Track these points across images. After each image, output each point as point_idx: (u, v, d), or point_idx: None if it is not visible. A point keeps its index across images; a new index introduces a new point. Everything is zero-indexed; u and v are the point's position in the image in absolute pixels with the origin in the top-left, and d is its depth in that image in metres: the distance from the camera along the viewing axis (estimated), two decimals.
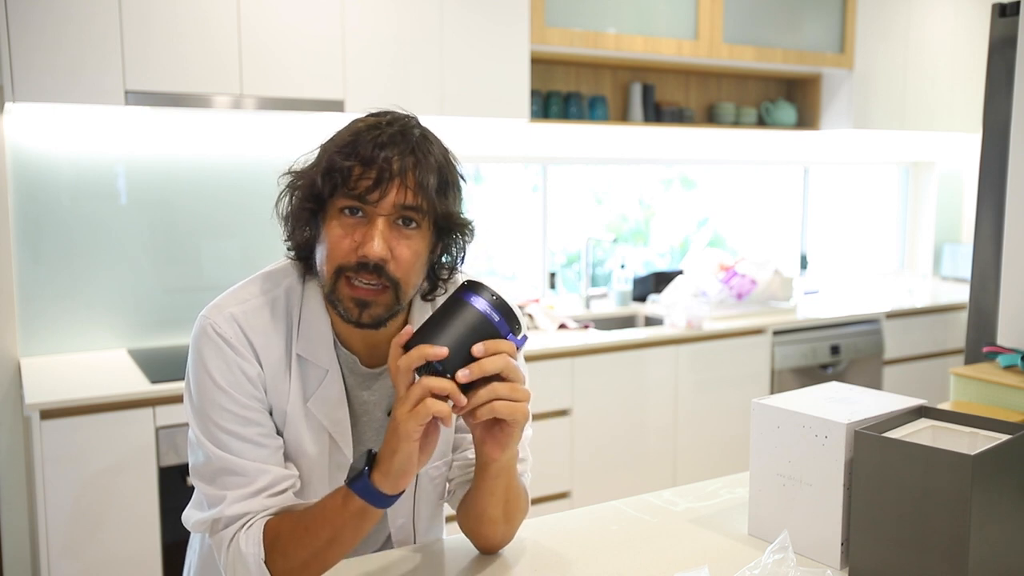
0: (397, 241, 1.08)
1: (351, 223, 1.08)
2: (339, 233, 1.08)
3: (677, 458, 3.30)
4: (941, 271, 4.77)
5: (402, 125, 1.11)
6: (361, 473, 1.04)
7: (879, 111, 3.98)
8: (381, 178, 1.06)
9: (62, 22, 2.32)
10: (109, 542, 2.30)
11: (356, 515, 1.06)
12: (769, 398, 1.27)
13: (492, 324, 1.03)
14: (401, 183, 1.07)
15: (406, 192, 1.07)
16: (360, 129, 1.10)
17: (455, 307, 1.04)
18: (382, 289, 1.08)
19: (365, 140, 1.07)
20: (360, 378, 1.22)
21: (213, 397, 1.12)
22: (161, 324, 2.86)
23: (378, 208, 1.07)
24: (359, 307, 1.09)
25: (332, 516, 1.06)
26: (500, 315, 1.04)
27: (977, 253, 2.01)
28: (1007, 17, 1.93)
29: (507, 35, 3.00)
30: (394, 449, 1.02)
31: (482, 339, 1.02)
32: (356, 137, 1.08)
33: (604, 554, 1.24)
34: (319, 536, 1.07)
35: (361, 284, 1.08)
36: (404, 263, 1.09)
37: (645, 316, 3.63)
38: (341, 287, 1.09)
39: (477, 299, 1.04)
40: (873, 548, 1.11)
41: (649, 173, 4.08)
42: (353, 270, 1.08)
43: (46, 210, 2.67)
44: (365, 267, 1.07)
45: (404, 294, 1.11)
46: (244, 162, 2.94)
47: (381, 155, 1.06)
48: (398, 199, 1.07)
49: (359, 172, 1.06)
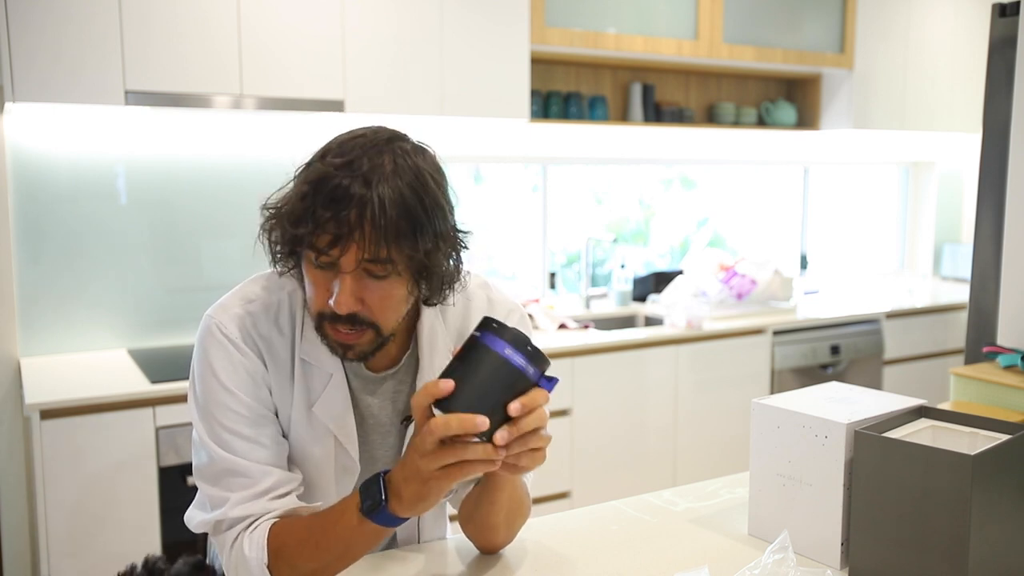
0: (367, 290, 1.06)
1: (322, 273, 1.06)
2: (313, 282, 1.08)
3: (677, 458, 3.30)
4: (941, 271, 4.77)
5: (371, 159, 1.03)
6: (381, 504, 1.01)
7: (879, 111, 3.98)
8: (339, 235, 1.01)
9: (62, 22, 2.32)
10: (109, 542, 2.30)
11: (372, 535, 1.05)
12: (769, 398, 1.27)
13: (527, 377, 0.96)
14: (360, 237, 1.01)
15: (367, 247, 1.01)
16: (319, 179, 1.03)
17: (486, 359, 0.95)
18: (361, 332, 1.08)
19: (323, 191, 1.02)
20: (364, 382, 1.22)
21: (218, 397, 1.12)
22: (161, 324, 2.86)
23: (340, 266, 1.04)
24: (343, 348, 1.10)
25: (345, 534, 1.05)
26: (533, 365, 0.97)
27: (977, 253, 2.01)
28: (1007, 17, 1.93)
29: (507, 35, 3.00)
30: (422, 496, 0.98)
31: (517, 393, 0.95)
32: (315, 188, 1.03)
33: (604, 554, 1.24)
34: (330, 551, 1.06)
35: (341, 330, 1.08)
36: (377, 308, 1.07)
37: (645, 316, 3.63)
38: (325, 328, 1.09)
39: (511, 351, 0.96)
40: (873, 548, 1.11)
41: (649, 173, 4.08)
42: (330, 319, 1.07)
43: (46, 210, 2.67)
44: (339, 318, 1.06)
45: (386, 330, 1.10)
46: (244, 162, 2.94)
47: (334, 214, 1.01)
48: (359, 255, 1.02)
49: (317, 231, 1.02)
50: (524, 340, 0.97)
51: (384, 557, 1.25)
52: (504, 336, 0.96)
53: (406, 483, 0.99)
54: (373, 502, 1.02)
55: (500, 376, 0.95)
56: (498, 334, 0.96)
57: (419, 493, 0.98)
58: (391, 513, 1.01)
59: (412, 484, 0.98)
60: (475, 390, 0.94)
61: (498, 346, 0.96)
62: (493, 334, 0.97)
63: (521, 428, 0.95)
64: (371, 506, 1.02)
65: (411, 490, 0.99)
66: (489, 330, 0.97)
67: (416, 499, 0.99)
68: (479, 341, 0.97)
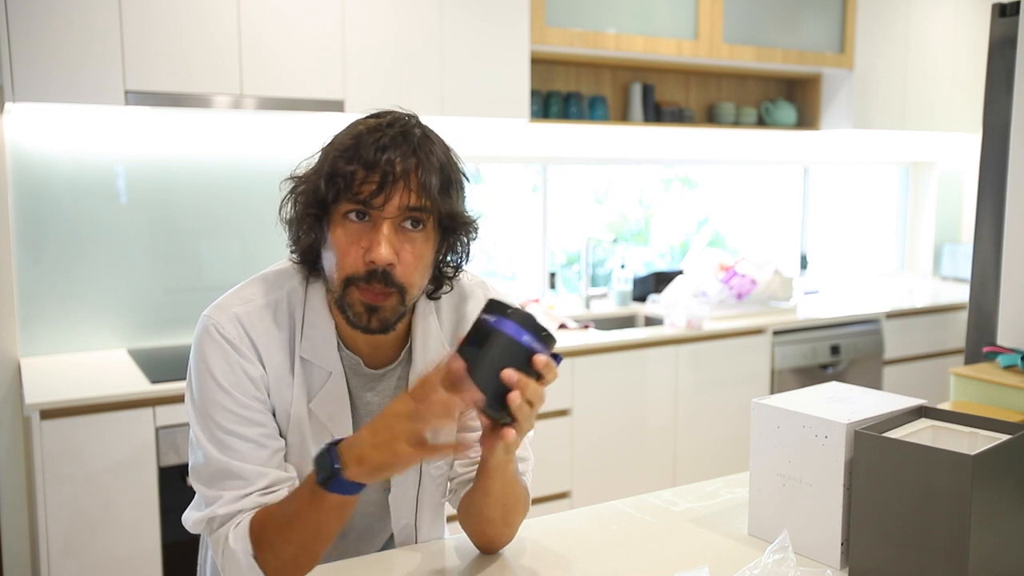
0: (402, 244, 1.08)
1: (356, 229, 1.08)
2: (345, 241, 1.08)
3: (677, 458, 3.30)
4: (941, 271, 4.77)
5: (403, 126, 1.10)
6: (334, 473, 1.01)
7: (879, 111, 3.98)
8: (385, 181, 1.05)
9: (62, 22, 2.32)
10: (109, 542, 2.30)
11: (337, 507, 1.05)
12: (769, 398, 1.27)
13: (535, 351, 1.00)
14: (405, 185, 1.06)
15: (410, 194, 1.07)
16: (361, 132, 1.09)
17: (498, 340, 0.98)
18: (389, 293, 1.09)
19: (367, 143, 1.06)
20: (364, 379, 1.22)
21: (215, 397, 1.12)
22: (161, 324, 2.86)
23: (383, 212, 1.07)
24: (368, 312, 1.09)
25: (311, 513, 1.05)
26: (542, 344, 1.00)
27: (977, 253, 2.01)
28: (1007, 17, 1.93)
29: (507, 35, 3.00)
30: (388, 466, 1.00)
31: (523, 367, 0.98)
32: (358, 140, 1.07)
33: (604, 554, 1.24)
34: (303, 531, 1.06)
35: (373, 289, 1.08)
36: (410, 266, 1.09)
37: (645, 316, 3.63)
38: (351, 293, 1.09)
39: (523, 333, 0.99)
40: (873, 548, 1.11)
41: (649, 173, 4.08)
42: (364, 280, 1.08)
43: (46, 210, 2.67)
44: (374, 275, 1.07)
45: (410, 297, 1.12)
46: (244, 162, 2.94)
47: (383, 158, 1.05)
48: (403, 201, 1.07)
49: (362, 176, 1.06)
50: (533, 321, 1.00)
51: (383, 557, 1.25)
52: (515, 318, 0.99)
53: (375, 450, 0.99)
54: (327, 473, 1.02)
55: (513, 357, 0.98)
56: (509, 316, 0.99)
57: (387, 462, 0.99)
58: (348, 480, 1.01)
59: (382, 452, 0.99)
60: (490, 371, 0.96)
61: (509, 328, 0.98)
62: (504, 316, 0.99)
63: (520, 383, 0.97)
64: (325, 477, 1.02)
65: (379, 458, 0.99)
66: (499, 312, 0.99)
67: (382, 467, 1.00)
68: (490, 324, 0.98)
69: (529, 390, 0.98)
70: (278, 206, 1.15)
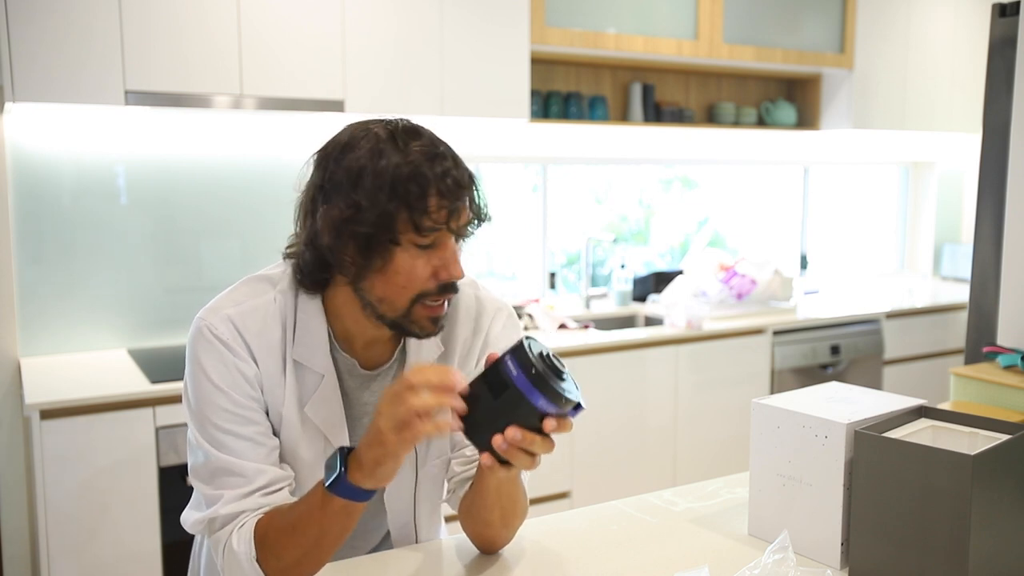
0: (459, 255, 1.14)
1: (423, 252, 1.10)
2: (413, 264, 1.09)
3: (677, 458, 3.30)
4: (941, 271, 4.77)
5: (431, 139, 1.12)
6: (339, 476, 1.03)
7: (879, 111, 3.98)
8: (455, 208, 1.09)
9: (62, 22, 2.32)
10: (109, 542, 2.30)
11: (341, 512, 1.05)
12: (769, 398, 1.27)
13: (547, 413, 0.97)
14: (466, 204, 1.11)
15: (468, 211, 1.12)
16: (416, 159, 1.07)
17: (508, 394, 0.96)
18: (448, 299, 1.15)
19: (435, 171, 1.07)
20: (360, 380, 1.22)
21: (211, 397, 1.12)
22: (161, 324, 2.86)
23: (454, 232, 1.10)
24: (434, 323, 1.14)
25: (317, 517, 1.06)
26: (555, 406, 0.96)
27: (977, 253, 2.01)
28: (1007, 17, 1.93)
29: (507, 35, 3.00)
30: (379, 460, 1.01)
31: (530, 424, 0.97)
32: (417, 169, 1.07)
33: (604, 554, 1.24)
34: (308, 535, 1.07)
35: (440, 301, 1.13)
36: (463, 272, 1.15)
37: (645, 316, 3.63)
38: (417, 310, 1.12)
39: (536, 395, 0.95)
40: (873, 548, 1.11)
41: (649, 173, 4.08)
42: (435, 294, 1.12)
43: (46, 210, 2.67)
44: (447, 289, 1.12)
45: None
46: (244, 162, 2.94)
47: (454, 184, 1.08)
48: (464, 219, 1.11)
49: (436, 204, 1.07)
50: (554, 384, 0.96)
51: (381, 558, 1.25)
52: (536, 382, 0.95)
53: (368, 448, 1.02)
54: (334, 476, 1.03)
55: (523, 416, 0.97)
56: (531, 376, 0.95)
57: (377, 457, 1.00)
58: (352, 484, 1.03)
59: (373, 448, 1.01)
60: (496, 422, 0.97)
61: (525, 387, 0.95)
62: (524, 373, 0.95)
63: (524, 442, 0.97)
64: (332, 480, 1.03)
65: (371, 455, 1.01)
66: (523, 366, 0.96)
67: (375, 464, 1.01)
68: (511, 378, 0.96)
69: (536, 445, 0.98)
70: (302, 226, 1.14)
